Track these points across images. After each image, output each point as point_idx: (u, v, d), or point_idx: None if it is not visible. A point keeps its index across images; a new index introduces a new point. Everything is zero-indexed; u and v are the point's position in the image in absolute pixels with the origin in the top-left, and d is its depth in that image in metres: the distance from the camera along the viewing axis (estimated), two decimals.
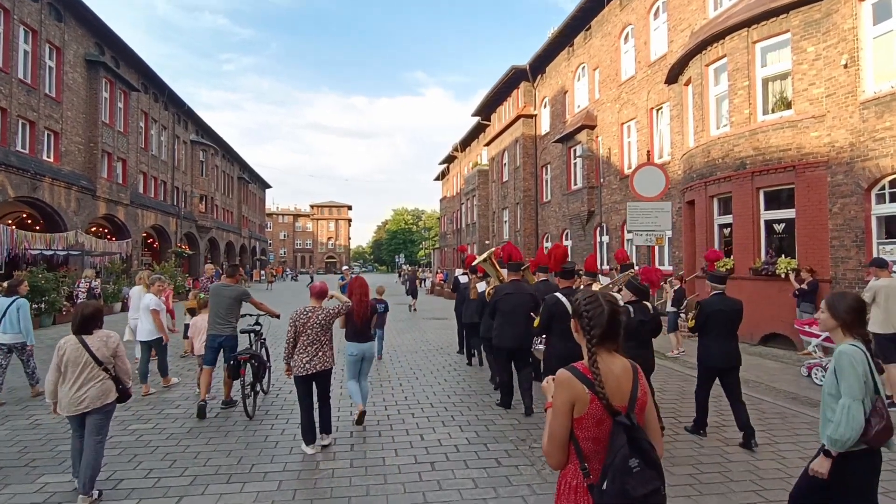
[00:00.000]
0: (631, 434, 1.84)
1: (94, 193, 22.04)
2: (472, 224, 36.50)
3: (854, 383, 2.52)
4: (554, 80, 23.90)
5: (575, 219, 20.89)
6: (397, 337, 12.92)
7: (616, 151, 18.39)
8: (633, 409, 1.92)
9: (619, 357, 2.00)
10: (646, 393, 1.99)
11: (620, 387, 1.93)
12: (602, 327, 1.96)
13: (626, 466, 1.79)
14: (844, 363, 2.56)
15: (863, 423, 2.48)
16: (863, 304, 2.72)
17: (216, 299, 6.34)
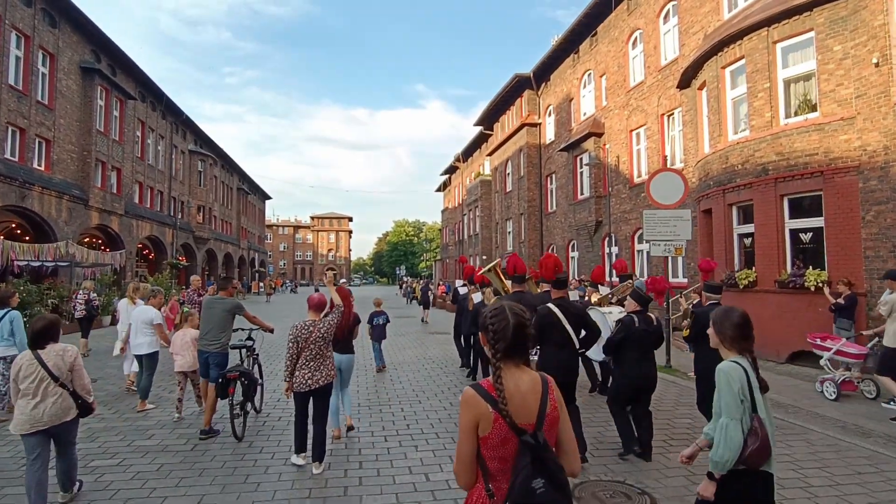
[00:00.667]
0: (536, 454, 1.76)
1: (86, 203, 21.42)
2: (475, 235, 35.86)
3: (731, 402, 2.48)
4: (559, 88, 23.39)
5: (582, 229, 20.23)
6: (399, 353, 12.20)
7: (625, 159, 17.78)
8: (541, 427, 1.83)
9: (528, 372, 1.92)
10: (556, 408, 1.89)
11: (527, 404, 1.85)
12: (507, 341, 1.87)
13: (530, 488, 1.72)
14: (721, 381, 2.52)
15: (741, 443, 2.43)
16: (747, 320, 2.63)
17: (208, 313, 6.02)
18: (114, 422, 6.42)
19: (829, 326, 8.96)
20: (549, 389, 1.91)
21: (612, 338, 5.29)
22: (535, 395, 1.87)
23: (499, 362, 1.87)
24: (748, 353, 2.61)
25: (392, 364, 10.62)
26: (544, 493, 1.73)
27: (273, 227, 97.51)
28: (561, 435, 1.92)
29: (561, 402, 1.94)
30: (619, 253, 17.99)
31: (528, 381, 1.89)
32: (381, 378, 9.25)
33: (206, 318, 6.02)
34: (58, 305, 15.45)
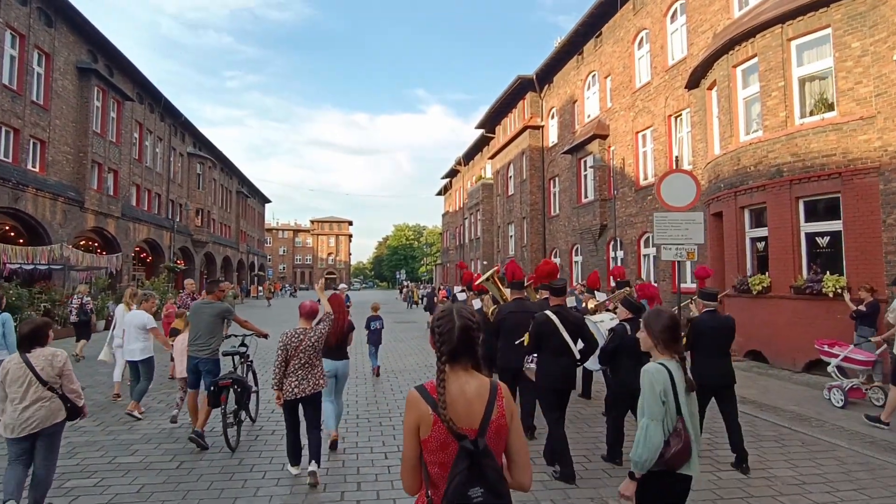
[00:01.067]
0: (474, 460, 1.71)
1: (82, 205, 21.06)
2: (476, 239, 35.49)
3: (652, 403, 2.48)
4: (562, 90, 23.06)
5: (586, 233, 19.86)
6: (400, 360, 11.80)
7: (630, 162, 17.42)
8: (484, 434, 1.78)
9: (477, 377, 1.88)
10: (504, 415, 1.83)
11: (471, 409, 1.81)
12: (451, 344, 1.84)
13: (465, 495, 1.68)
14: (645, 382, 2.53)
15: (660, 444, 2.43)
16: (676, 323, 2.65)
17: (196, 318, 5.83)
18: (97, 435, 6.03)
19: (848, 334, 8.56)
20: (497, 396, 1.85)
21: (606, 347, 5.24)
22: (482, 400, 1.82)
23: (443, 365, 1.84)
24: (677, 355, 2.61)
25: (392, 372, 10.23)
26: (482, 501, 1.68)
27: (273, 231, 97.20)
28: (511, 445, 1.86)
29: (512, 412, 1.87)
30: (624, 257, 17.61)
31: (475, 386, 1.84)
32: (379, 388, 8.85)
33: (194, 323, 5.85)
34: (50, 309, 15.06)
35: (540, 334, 4.99)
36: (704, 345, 5.23)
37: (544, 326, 4.98)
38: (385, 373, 10.12)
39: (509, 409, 1.87)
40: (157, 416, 6.87)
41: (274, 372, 4.73)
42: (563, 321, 4.97)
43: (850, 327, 8.56)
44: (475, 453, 1.72)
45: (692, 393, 2.60)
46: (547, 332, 4.97)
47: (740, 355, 11.47)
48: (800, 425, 6.64)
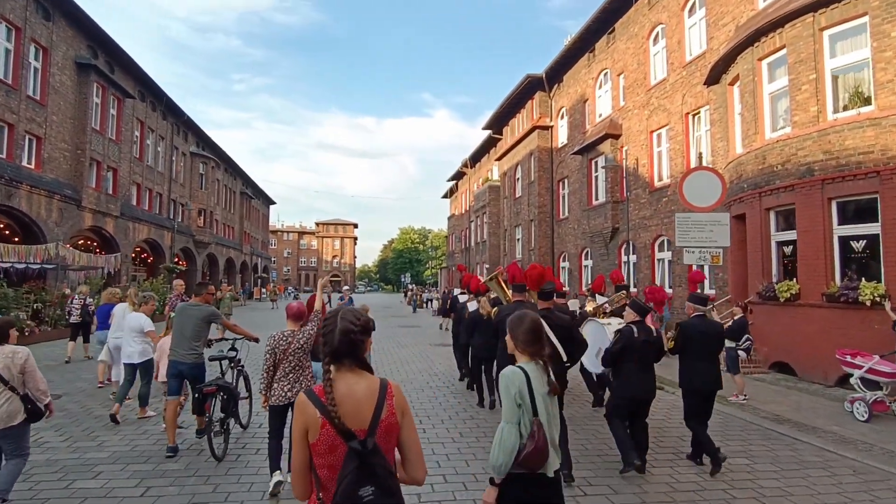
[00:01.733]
0: (364, 460, 1.71)
1: (79, 203, 20.57)
2: (483, 242, 34.84)
3: (508, 406, 2.51)
4: (572, 89, 22.41)
5: (597, 236, 19.16)
6: (402, 368, 11.14)
7: (644, 162, 16.74)
8: (374, 433, 1.78)
9: (365, 377, 1.89)
10: (394, 415, 1.84)
11: (360, 409, 1.81)
12: (332, 345, 1.86)
13: (355, 494, 1.67)
14: (501, 385, 2.56)
15: (515, 447, 2.44)
16: (538, 326, 2.68)
17: (180, 320, 5.54)
18: (59, 452, 5.40)
19: (889, 346, 7.84)
20: (387, 395, 1.87)
21: (610, 349, 5.16)
22: (371, 400, 1.84)
23: (329, 366, 1.87)
24: (539, 358, 2.63)
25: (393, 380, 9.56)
26: (373, 500, 1.69)
27: (278, 233, 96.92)
28: (404, 441, 1.89)
29: (403, 409, 1.89)
30: (637, 262, 16.90)
31: (364, 386, 1.86)
32: None
33: (178, 326, 5.53)
34: (39, 310, 14.50)
35: None
36: (693, 349, 5.21)
37: None
38: None
39: (400, 406, 1.88)
40: (132, 430, 6.23)
41: (262, 375, 4.53)
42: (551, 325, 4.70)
43: (890, 339, 7.85)
44: (364, 453, 1.72)
45: (554, 395, 2.60)
46: None
47: (765, 367, 10.75)
48: (846, 449, 5.94)
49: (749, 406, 8.00)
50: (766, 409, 7.83)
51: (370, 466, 1.72)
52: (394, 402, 1.87)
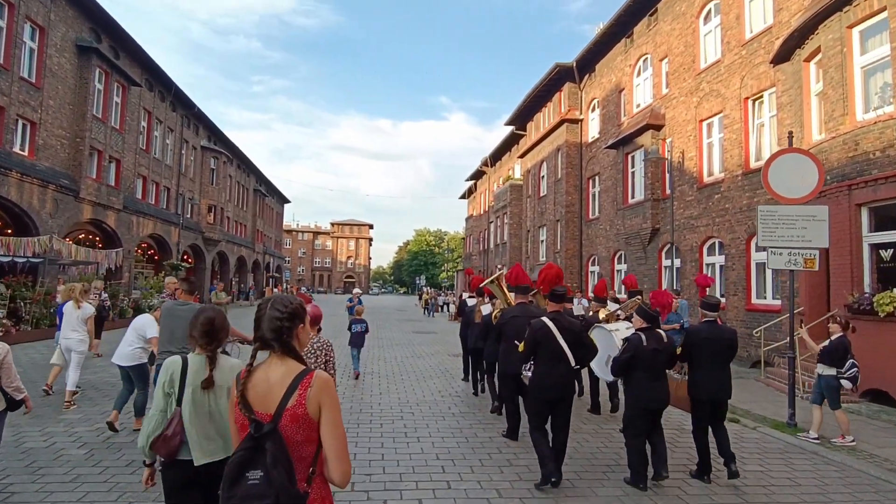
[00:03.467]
0: (258, 443, 1.71)
1: (77, 195, 19.33)
2: (502, 244, 33.14)
3: (157, 393, 2.64)
4: (606, 79, 20.66)
5: (633, 238, 17.38)
6: (420, 386, 9.47)
7: (692, 155, 14.94)
8: (278, 420, 1.76)
9: (289, 364, 1.88)
10: (303, 405, 1.78)
11: (269, 394, 1.81)
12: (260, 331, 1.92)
13: (240, 475, 1.69)
14: (159, 374, 2.69)
15: (156, 432, 2.56)
16: (210, 321, 2.72)
17: (168, 321, 5.16)
18: None
19: None
20: (300, 385, 1.81)
21: (619, 358, 4.99)
22: (282, 387, 1.81)
23: (255, 350, 1.93)
24: (210, 352, 2.67)
25: (409, 404, 7.95)
26: (256, 485, 1.67)
27: (293, 233, 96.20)
28: (322, 439, 1.81)
29: (321, 403, 1.81)
30: (681, 266, 15.09)
31: (281, 373, 1.85)
32: (397, 432, 6.56)
33: (166, 328, 5.17)
34: (16, 308, 13.17)
35: (535, 340, 4.88)
36: (700, 357, 5.07)
37: (540, 332, 4.87)
38: (401, 404, 7.86)
39: (315, 399, 1.81)
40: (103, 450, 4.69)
41: None
42: (559, 328, 4.83)
43: None
44: (255, 437, 1.71)
45: (207, 390, 2.61)
46: (542, 339, 4.85)
47: (856, 395, 8.93)
48: None
49: (862, 452, 6.23)
50: (883, 455, 6.10)
51: (263, 451, 1.69)
52: (307, 393, 1.80)
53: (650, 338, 4.83)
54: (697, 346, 5.06)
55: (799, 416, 7.25)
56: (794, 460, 5.88)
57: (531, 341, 4.90)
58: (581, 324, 6.54)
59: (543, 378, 4.80)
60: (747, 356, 12.36)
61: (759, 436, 6.82)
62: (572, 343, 4.87)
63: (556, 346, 4.80)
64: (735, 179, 13.03)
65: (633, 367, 4.84)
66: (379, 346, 15.13)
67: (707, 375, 5.02)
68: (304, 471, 1.78)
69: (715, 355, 5.04)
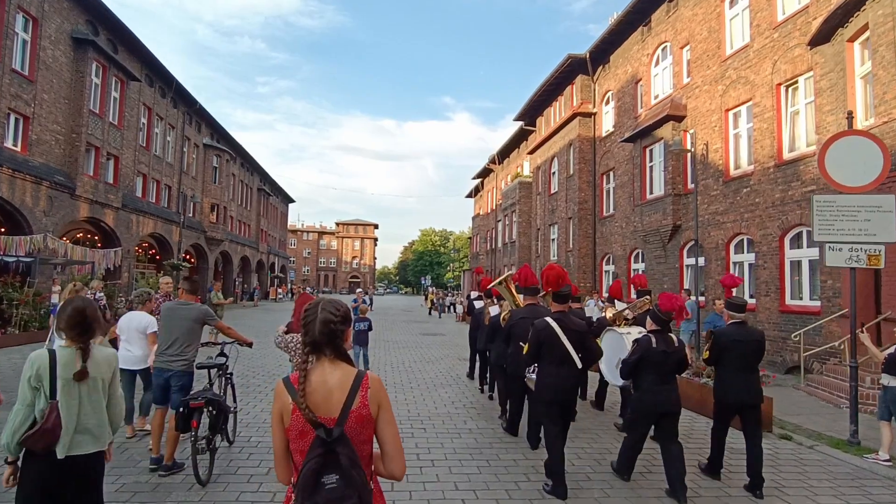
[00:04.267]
0: (330, 448, 1.73)
1: (73, 192, 18.67)
2: (511, 243, 32.29)
3: (21, 387, 2.58)
4: (621, 70, 19.79)
5: (652, 235, 16.52)
6: (432, 396, 8.70)
7: (717, 146, 14.08)
8: (343, 423, 1.79)
9: (343, 367, 1.90)
10: (367, 406, 1.84)
11: (331, 398, 1.82)
12: (313, 335, 1.89)
13: (317, 481, 1.69)
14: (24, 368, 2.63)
15: (21, 427, 2.50)
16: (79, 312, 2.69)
17: (168, 322, 5.04)
18: None
19: None
20: (361, 387, 1.86)
21: (628, 359, 4.87)
22: (343, 390, 1.84)
23: (306, 355, 1.89)
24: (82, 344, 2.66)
25: (424, 416, 7.16)
26: (335, 488, 1.68)
27: (298, 233, 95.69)
28: (380, 436, 1.88)
29: (379, 402, 1.88)
30: (706, 265, 14.22)
31: (338, 376, 1.87)
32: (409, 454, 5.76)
33: (166, 329, 5.04)
34: (4, 311, 12.48)
35: (539, 342, 4.82)
36: (728, 360, 4.95)
37: (543, 333, 4.81)
38: (411, 418, 7.07)
39: (375, 399, 1.87)
40: None
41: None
42: (564, 328, 4.77)
43: None
44: (328, 441, 1.73)
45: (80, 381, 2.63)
46: (547, 340, 4.78)
47: None
48: None
49: None
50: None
51: (335, 455, 1.71)
52: (368, 394, 1.85)
53: (660, 340, 4.74)
54: (726, 349, 4.92)
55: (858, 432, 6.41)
56: (871, 488, 5.06)
57: (535, 342, 4.82)
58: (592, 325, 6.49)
59: (548, 380, 4.74)
60: (781, 361, 11.50)
61: (820, 457, 5.98)
62: (577, 344, 4.79)
63: (561, 348, 4.72)
64: (766, 172, 12.17)
65: (641, 369, 4.76)
66: (385, 350, 14.35)
67: (735, 379, 4.88)
68: (367, 468, 1.84)
69: (743, 358, 4.89)
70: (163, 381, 4.96)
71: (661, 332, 4.84)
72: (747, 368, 4.92)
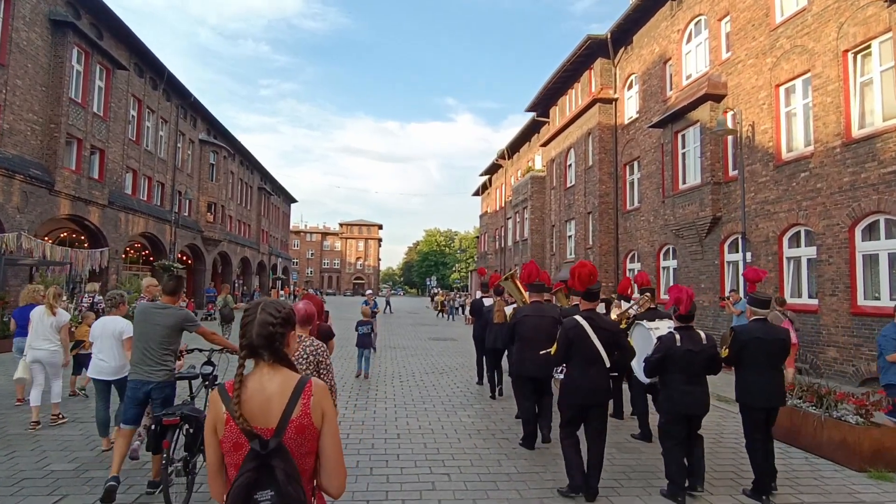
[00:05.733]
0: (265, 461, 1.58)
1: (51, 187, 17.19)
2: (522, 241, 30.68)
3: None
4: (646, 50, 18.18)
5: (687, 229, 14.89)
6: (451, 417, 7.12)
7: (766, 127, 12.45)
8: (281, 434, 1.64)
9: (283, 373, 1.74)
10: (308, 415, 1.68)
11: (269, 406, 1.67)
12: (249, 338, 1.74)
13: (249, 497, 1.55)
14: None
15: None
16: None
17: (143, 328, 4.41)
18: None
19: None
20: (303, 394, 1.70)
21: (651, 357, 4.61)
22: (282, 398, 1.69)
23: (242, 360, 1.77)
24: None
25: (446, 455, 5.58)
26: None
27: (301, 234, 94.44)
28: (321, 449, 1.72)
29: (323, 411, 1.72)
30: (754, 260, 12.58)
31: (278, 383, 1.72)
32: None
33: (140, 335, 4.42)
34: None
35: (568, 341, 4.53)
36: (749, 358, 4.61)
37: (573, 332, 4.52)
38: (429, 458, 5.50)
39: (318, 408, 1.72)
40: None
41: None
42: (594, 327, 4.49)
43: None
44: (263, 454, 1.59)
45: None
46: (576, 340, 4.50)
47: None
48: None
49: None
50: None
51: (271, 469, 1.58)
52: (311, 402, 1.71)
53: (685, 338, 4.48)
54: (747, 348, 4.62)
55: None
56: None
57: (564, 342, 4.58)
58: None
59: (577, 382, 4.52)
60: (853, 372, 9.88)
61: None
62: (608, 344, 4.55)
63: (591, 348, 4.50)
64: (831, 153, 10.54)
65: (666, 368, 4.53)
66: (392, 358, 12.81)
67: (761, 380, 4.58)
68: (308, 484, 1.71)
69: (766, 357, 4.60)
70: (141, 395, 4.41)
71: (686, 330, 4.54)
72: (769, 368, 4.61)
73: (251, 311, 1.77)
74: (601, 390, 4.52)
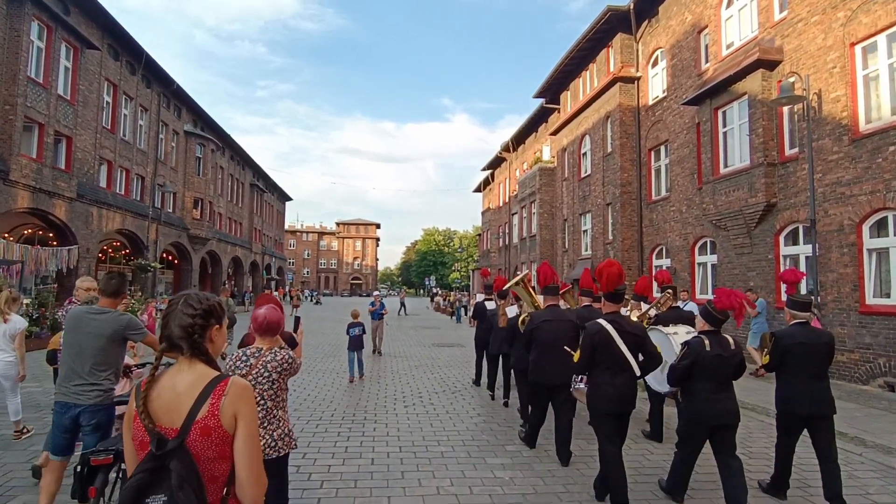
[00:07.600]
0: (161, 463, 1.46)
1: (5, 176, 15.18)
2: (530, 237, 28.70)
3: None
4: (675, 20, 16.22)
5: (731, 219, 12.93)
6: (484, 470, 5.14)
7: (837, 94, 10.49)
8: (185, 434, 1.50)
9: (199, 370, 1.60)
10: (217, 416, 1.51)
11: (177, 405, 1.53)
12: (168, 329, 1.63)
13: (138, 499, 1.43)
14: None
15: None
16: None
17: (74, 337, 3.62)
18: None
19: None
20: (212, 394, 1.54)
21: (676, 364, 4.20)
22: (191, 396, 1.54)
23: (160, 353, 1.64)
24: None
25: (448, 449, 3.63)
26: None
27: (297, 234, 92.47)
28: (235, 457, 1.54)
29: (236, 413, 1.54)
30: (821, 254, 10.62)
31: (190, 380, 1.58)
32: None
33: (70, 345, 3.62)
34: None
35: (593, 347, 4.23)
36: (793, 365, 4.32)
37: (597, 338, 4.23)
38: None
39: (231, 409, 1.54)
40: None
41: None
42: (620, 332, 4.20)
43: None
44: (158, 455, 1.47)
45: None
46: (601, 345, 4.21)
47: None
48: None
49: None
50: None
51: (167, 471, 1.45)
52: (221, 402, 1.54)
53: (714, 343, 4.08)
54: (790, 353, 4.29)
55: None
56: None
57: (588, 347, 4.23)
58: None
59: (603, 389, 4.17)
60: None
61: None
62: (635, 348, 4.21)
63: (618, 353, 4.17)
64: None
65: (693, 375, 4.10)
66: (393, 371, 10.85)
67: (804, 386, 4.25)
68: (218, 492, 1.54)
69: (810, 362, 4.27)
70: (67, 421, 3.56)
71: (714, 334, 4.19)
72: (814, 374, 4.27)
73: (174, 302, 1.67)
74: (630, 398, 4.23)
